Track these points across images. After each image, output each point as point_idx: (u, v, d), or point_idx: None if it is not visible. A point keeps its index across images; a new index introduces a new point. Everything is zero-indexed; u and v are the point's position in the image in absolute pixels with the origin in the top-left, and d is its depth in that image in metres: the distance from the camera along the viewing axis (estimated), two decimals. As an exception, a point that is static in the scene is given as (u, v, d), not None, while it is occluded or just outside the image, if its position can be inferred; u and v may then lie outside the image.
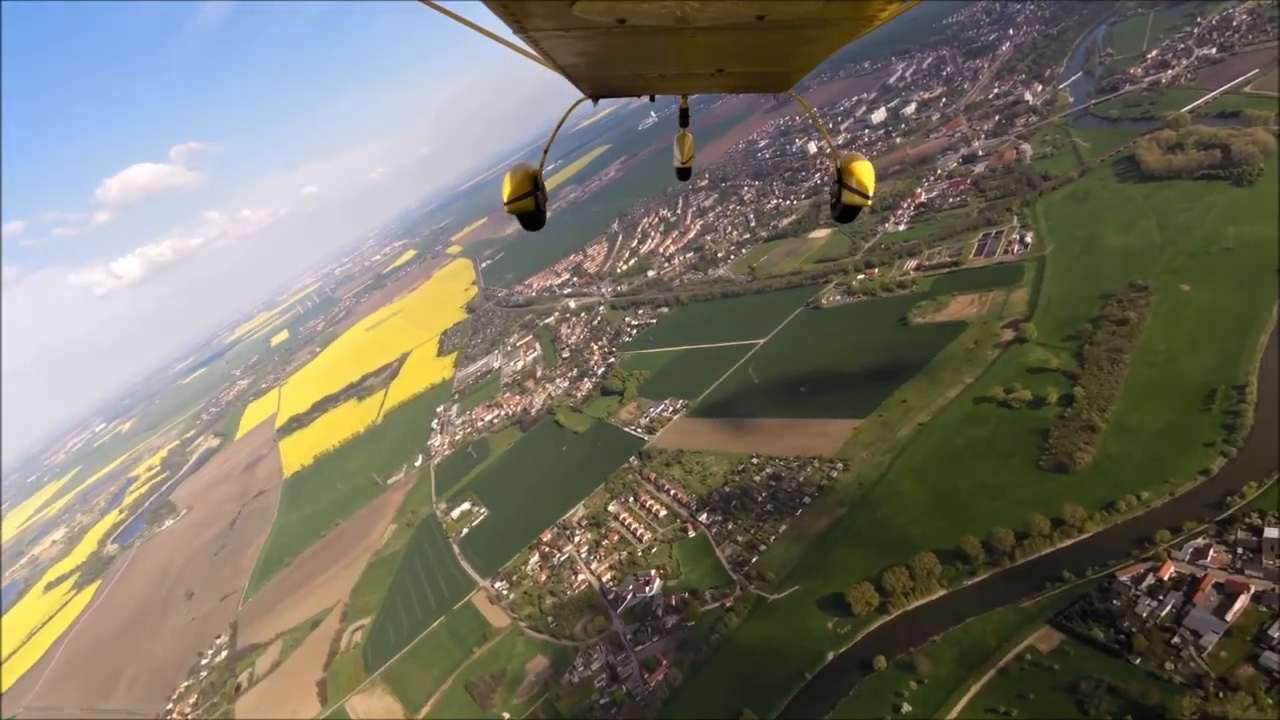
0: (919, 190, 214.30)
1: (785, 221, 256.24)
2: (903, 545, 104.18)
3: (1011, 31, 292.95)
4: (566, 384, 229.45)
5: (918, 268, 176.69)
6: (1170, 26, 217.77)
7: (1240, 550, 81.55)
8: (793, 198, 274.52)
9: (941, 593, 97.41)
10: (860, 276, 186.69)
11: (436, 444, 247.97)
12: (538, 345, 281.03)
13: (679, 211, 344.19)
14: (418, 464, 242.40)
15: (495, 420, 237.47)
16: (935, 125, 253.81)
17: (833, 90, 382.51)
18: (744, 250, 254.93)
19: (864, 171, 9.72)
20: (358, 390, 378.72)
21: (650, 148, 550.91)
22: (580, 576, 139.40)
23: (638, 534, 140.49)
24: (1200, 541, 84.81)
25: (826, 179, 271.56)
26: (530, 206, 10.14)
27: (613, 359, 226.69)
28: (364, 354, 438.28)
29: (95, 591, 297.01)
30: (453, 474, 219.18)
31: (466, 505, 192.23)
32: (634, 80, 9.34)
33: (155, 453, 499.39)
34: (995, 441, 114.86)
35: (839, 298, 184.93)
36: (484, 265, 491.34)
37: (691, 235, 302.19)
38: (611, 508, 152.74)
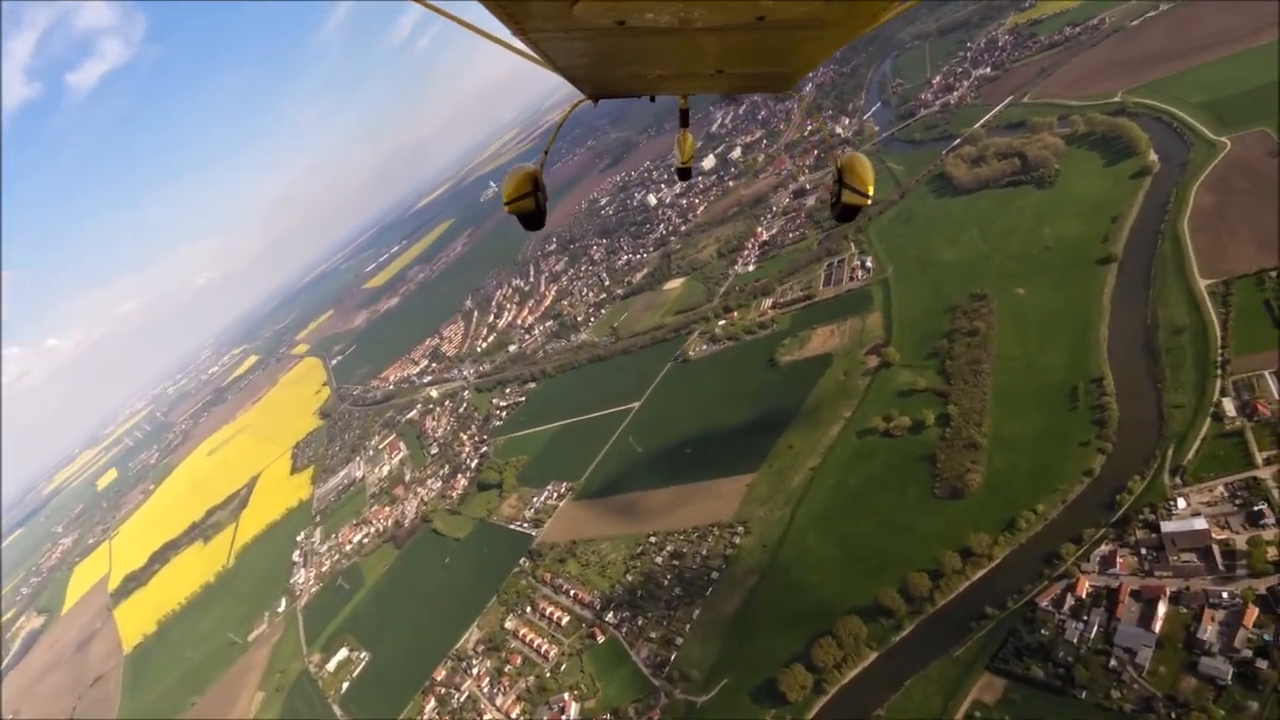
0: (760, 229, 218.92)
1: (639, 276, 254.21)
2: (822, 610, 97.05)
3: (810, 73, 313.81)
4: (439, 484, 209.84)
5: (774, 306, 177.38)
6: (947, 53, 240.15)
7: (1144, 551, 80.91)
8: (642, 251, 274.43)
9: (873, 656, 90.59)
10: (721, 322, 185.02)
11: (301, 581, 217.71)
12: (403, 444, 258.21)
13: (532, 279, 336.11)
14: (281, 609, 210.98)
15: (365, 540, 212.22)
16: (762, 166, 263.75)
17: (660, 145, 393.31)
18: (603, 310, 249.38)
19: (864, 170, 9.71)
20: (202, 530, 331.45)
21: (494, 218, 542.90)
22: (487, 717, 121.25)
23: (542, 651, 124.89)
24: (1105, 548, 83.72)
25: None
26: (531, 206, 10.05)
27: (485, 448, 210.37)
28: (207, 484, 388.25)
29: None
30: (324, 615, 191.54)
31: (344, 652, 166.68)
32: (634, 81, 9.23)
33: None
34: (888, 475, 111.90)
35: (705, 347, 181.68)
36: (334, 362, 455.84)
37: (548, 302, 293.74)
38: (509, 624, 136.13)
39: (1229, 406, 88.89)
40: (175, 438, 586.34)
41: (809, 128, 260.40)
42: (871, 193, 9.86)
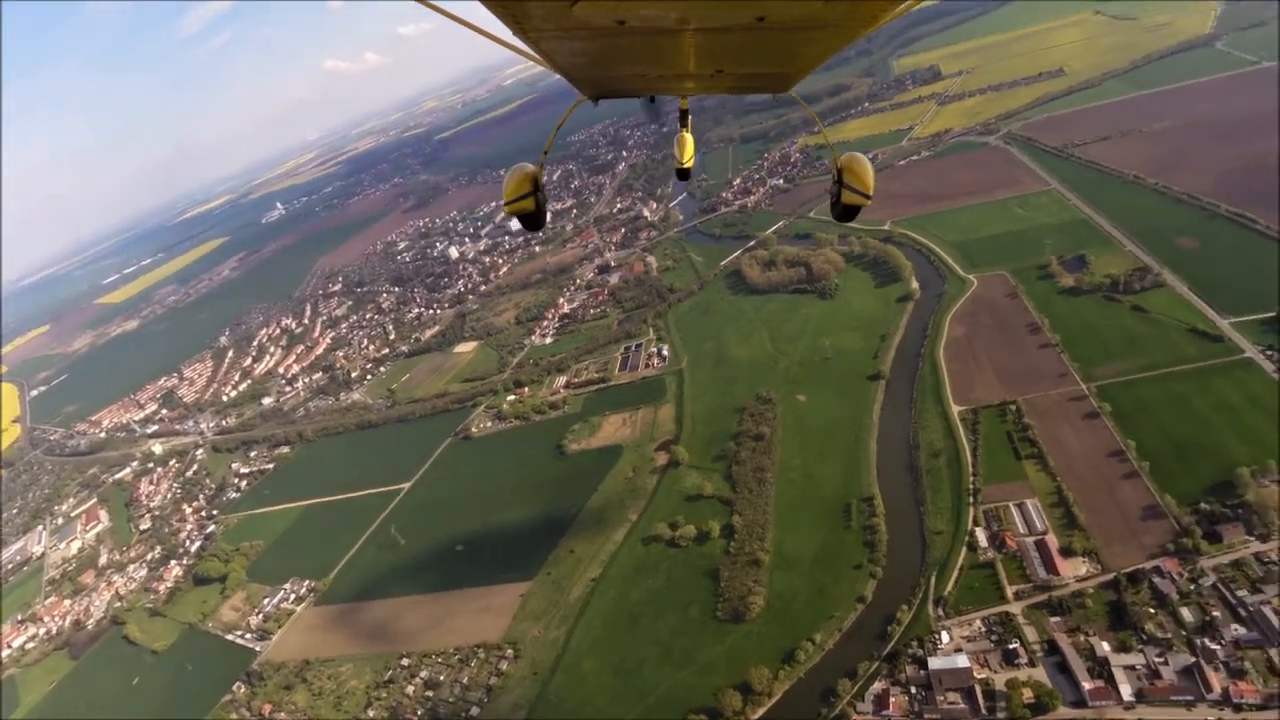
0: (562, 300, 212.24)
1: (428, 334, 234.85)
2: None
3: (625, 153, 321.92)
4: (144, 572, 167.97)
5: (567, 385, 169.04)
6: (747, 160, 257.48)
7: (915, 690, 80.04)
8: (436, 307, 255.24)
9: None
10: (511, 398, 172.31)
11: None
12: (104, 513, 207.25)
13: (307, 321, 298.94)
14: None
15: (30, 644, 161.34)
16: (570, 235, 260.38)
17: (470, 195, 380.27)
18: (382, 369, 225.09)
19: (864, 170, 9.77)
20: None
21: (276, 244, 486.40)
22: None
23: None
24: (878, 685, 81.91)
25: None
26: (530, 207, 10.14)
27: (213, 526, 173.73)
28: None
29: None
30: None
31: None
32: (634, 80, 9.18)
33: None
34: (671, 591, 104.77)
35: (490, 424, 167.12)
36: (35, 394, 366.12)
37: (320, 351, 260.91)
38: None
39: (981, 537, 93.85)
40: None
41: (618, 205, 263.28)
42: (872, 193, 9.71)
